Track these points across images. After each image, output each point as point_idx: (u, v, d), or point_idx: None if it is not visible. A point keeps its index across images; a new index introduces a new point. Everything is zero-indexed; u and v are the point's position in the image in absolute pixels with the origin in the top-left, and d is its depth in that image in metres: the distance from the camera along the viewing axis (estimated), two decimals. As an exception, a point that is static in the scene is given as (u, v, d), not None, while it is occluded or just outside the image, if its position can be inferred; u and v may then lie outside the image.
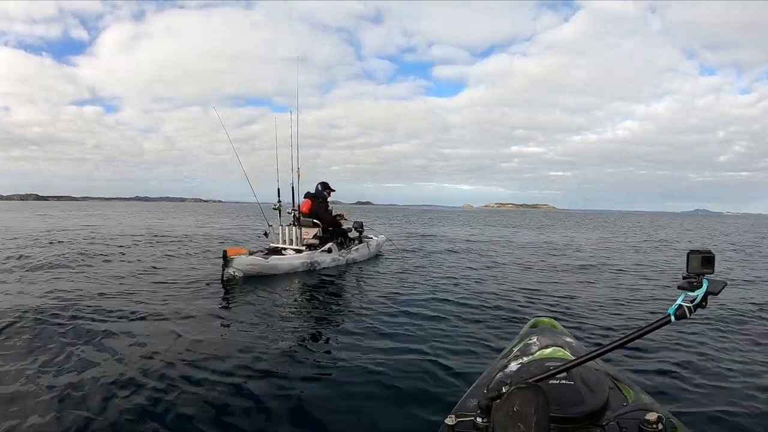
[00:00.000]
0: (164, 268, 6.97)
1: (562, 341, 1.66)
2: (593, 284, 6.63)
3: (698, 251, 0.98)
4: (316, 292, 5.78)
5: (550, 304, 5.09)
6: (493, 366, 1.62)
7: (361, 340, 3.65)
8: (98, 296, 4.87)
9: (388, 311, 4.59)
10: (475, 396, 1.31)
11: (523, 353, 1.57)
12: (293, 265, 6.63)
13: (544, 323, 1.93)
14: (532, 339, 1.69)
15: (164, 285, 5.65)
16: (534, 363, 1.39)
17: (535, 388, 0.94)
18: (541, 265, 8.64)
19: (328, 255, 7.10)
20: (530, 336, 1.74)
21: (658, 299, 5.66)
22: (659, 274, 7.83)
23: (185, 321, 4.06)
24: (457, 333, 3.89)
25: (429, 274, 7.22)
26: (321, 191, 7.48)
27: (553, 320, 1.97)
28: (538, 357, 1.49)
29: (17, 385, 2.65)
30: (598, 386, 1.20)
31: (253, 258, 6.29)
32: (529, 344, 1.64)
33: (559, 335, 1.76)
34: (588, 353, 1.11)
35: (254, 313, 4.48)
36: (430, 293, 5.56)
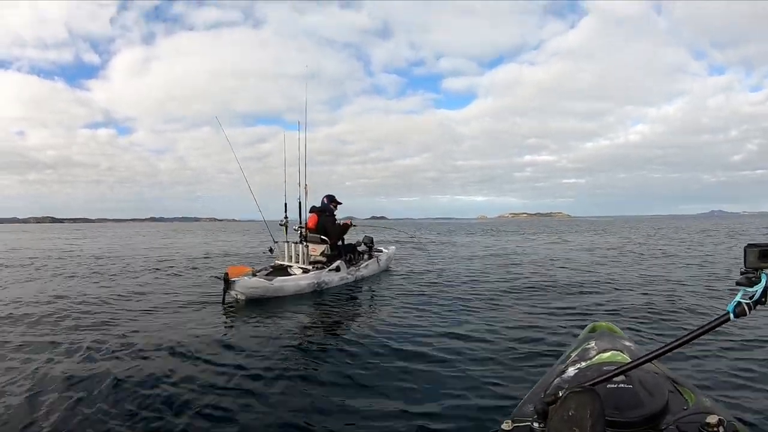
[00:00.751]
0: (161, 291, 6.57)
1: (621, 345, 1.63)
2: (645, 287, 6.55)
3: (756, 244, 0.97)
4: (324, 315, 5.32)
5: (606, 309, 4.99)
6: (550, 371, 1.61)
7: (386, 360, 3.43)
8: (81, 329, 4.45)
9: (410, 328, 4.31)
10: (532, 401, 1.28)
11: (581, 358, 1.56)
12: (300, 287, 6.18)
13: (602, 327, 1.91)
14: (590, 344, 1.67)
15: (160, 310, 5.25)
16: (592, 367, 1.38)
17: (590, 392, 0.94)
18: (581, 270, 8.41)
19: (336, 274, 6.65)
20: (588, 341, 1.72)
21: (714, 297, 5.63)
22: (710, 273, 7.79)
23: (180, 352, 3.67)
24: (500, 346, 3.69)
25: (449, 284, 6.89)
26: (327, 204, 7.06)
27: (612, 324, 1.94)
28: (596, 361, 1.47)
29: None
30: (657, 389, 1.17)
31: (257, 280, 5.86)
32: (587, 349, 1.62)
33: (617, 339, 1.73)
34: (645, 355, 1.08)
35: (255, 342, 4.04)
36: (455, 306, 5.34)
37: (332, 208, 7.07)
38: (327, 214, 6.95)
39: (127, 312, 5.18)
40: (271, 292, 5.90)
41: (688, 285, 6.73)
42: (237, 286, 5.64)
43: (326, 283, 6.47)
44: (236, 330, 4.50)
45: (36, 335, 4.25)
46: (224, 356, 3.58)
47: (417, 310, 5.29)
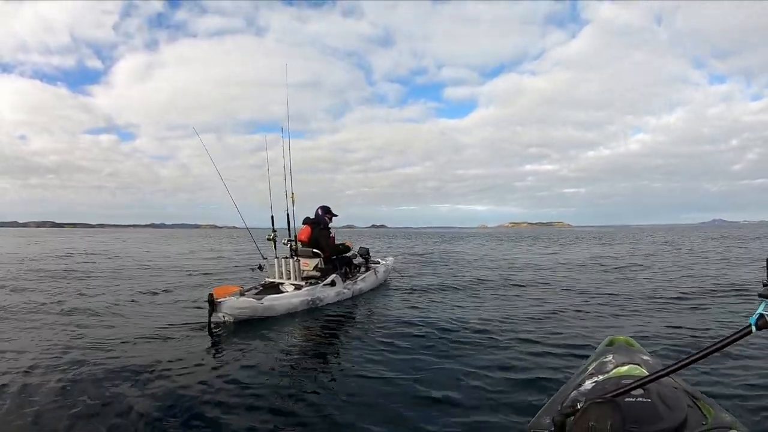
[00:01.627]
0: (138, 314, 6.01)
1: (639, 359, 1.62)
2: (662, 299, 6.43)
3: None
4: (318, 337, 4.87)
5: (623, 323, 4.90)
6: (567, 384, 1.59)
7: (389, 385, 3.18)
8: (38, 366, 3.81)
9: (414, 349, 4.02)
10: (549, 413, 1.27)
11: (599, 371, 1.55)
12: (292, 305, 5.70)
13: (619, 341, 1.89)
14: (607, 357, 1.66)
15: (138, 336, 4.74)
16: (610, 380, 1.39)
17: (611, 404, 0.96)
18: (583, 281, 8.13)
19: (331, 289, 6.17)
20: (606, 354, 1.71)
21: (735, 311, 5.50)
22: (729, 285, 7.60)
23: (161, 383, 3.23)
24: (517, 359, 3.61)
25: (454, 297, 6.60)
26: (321, 216, 6.61)
27: (629, 338, 1.94)
28: (614, 375, 1.46)
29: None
30: (677, 404, 1.17)
31: (245, 300, 5.38)
32: (605, 362, 1.62)
33: (635, 353, 1.72)
34: (664, 368, 1.08)
35: (243, 371, 3.61)
36: (462, 320, 5.06)
37: (326, 221, 6.61)
38: (321, 227, 6.50)
39: (94, 337, 4.65)
40: (261, 312, 5.43)
41: (706, 297, 6.59)
42: (224, 307, 5.17)
43: (321, 299, 6.00)
44: (223, 356, 4.05)
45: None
46: (208, 387, 3.19)
47: (420, 325, 4.91)
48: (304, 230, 6.51)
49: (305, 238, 6.45)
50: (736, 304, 5.89)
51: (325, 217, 6.60)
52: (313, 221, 6.54)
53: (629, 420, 0.99)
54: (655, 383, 1.14)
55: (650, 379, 1.08)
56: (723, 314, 5.34)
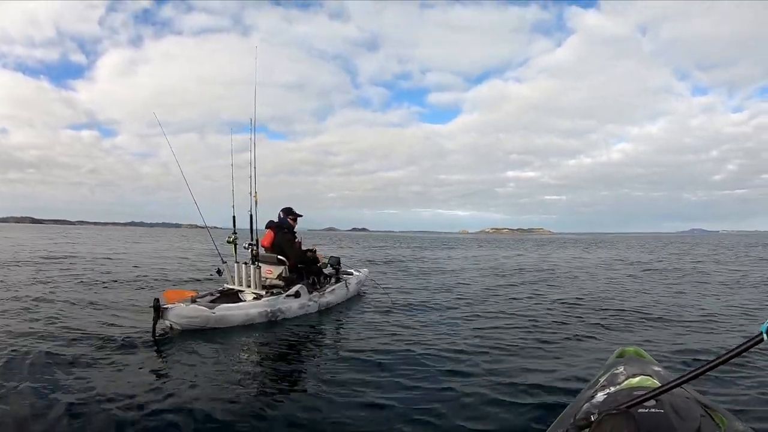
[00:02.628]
0: (77, 317, 5.34)
1: (650, 370, 1.61)
2: (665, 307, 6.47)
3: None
4: (277, 352, 4.37)
5: (631, 334, 4.87)
6: (579, 397, 1.58)
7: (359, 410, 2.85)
8: None
9: (385, 369, 3.66)
10: (563, 426, 1.29)
11: (610, 383, 1.54)
12: (249, 316, 5.15)
13: (630, 352, 1.89)
14: (618, 369, 1.65)
15: (73, 343, 4.17)
16: (622, 392, 1.37)
17: (626, 415, 0.96)
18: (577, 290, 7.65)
19: (295, 301, 5.62)
20: (617, 366, 1.70)
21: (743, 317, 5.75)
22: (732, 295, 7.73)
23: (93, 402, 2.82)
24: (507, 381, 3.35)
25: (437, 310, 6.26)
26: (284, 219, 6.05)
27: (640, 349, 1.93)
28: (626, 386, 1.45)
29: None
30: (690, 414, 1.17)
31: (195, 308, 4.83)
32: (616, 374, 1.60)
33: (646, 364, 1.72)
34: (676, 379, 1.07)
35: (190, 386, 3.21)
36: (448, 339, 4.67)
37: (291, 224, 6.08)
38: (285, 231, 5.95)
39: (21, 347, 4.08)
40: (213, 323, 4.88)
41: (714, 307, 6.59)
42: (170, 314, 4.63)
43: (282, 312, 5.45)
44: (163, 371, 3.59)
45: None
46: (138, 403, 2.84)
47: (395, 344, 4.46)
48: (267, 235, 5.96)
49: (268, 244, 5.91)
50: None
51: (288, 219, 6.06)
52: (276, 225, 6.00)
53: (643, 431, 0.98)
54: (668, 394, 1.14)
55: (663, 390, 1.06)
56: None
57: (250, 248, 5.56)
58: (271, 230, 5.95)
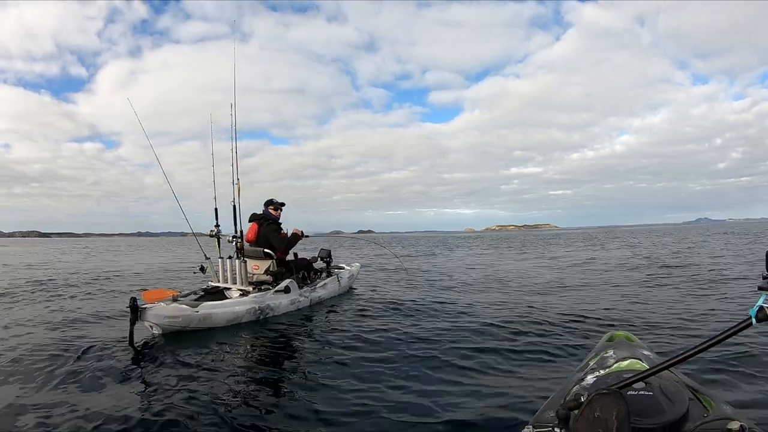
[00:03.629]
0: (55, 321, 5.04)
1: (640, 354, 1.62)
2: (659, 295, 6.29)
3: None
4: (269, 353, 4.09)
5: (622, 319, 4.77)
6: (569, 379, 1.58)
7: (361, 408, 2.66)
8: None
9: (389, 362, 3.51)
10: (552, 408, 1.29)
11: (600, 366, 1.55)
12: (235, 314, 4.84)
13: (620, 337, 1.91)
14: (608, 352, 1.66)
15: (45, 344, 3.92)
16: (611, 375, 1.39)
17: (616, 395, 0.97)
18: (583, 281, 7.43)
19: (284, 296, 5.32)
20: (606, 349, 1.71)
21: (733, 302, 5.54)
22: (727, 279, 7.53)
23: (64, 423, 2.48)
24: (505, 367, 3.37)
25: (433, 305, 5.92)
26: (266, 210, 5.74)
27: (629, 333, 1.94)
28: (615, 369, 1.46)
29: None
30: (678, 396, 1.17)
31: (176, 307, 4.52)
32: (606, 357, 1.62)
33: (635, 348, 1.73)
34: (665, 361, 1.08)
35: (170, 391, 2.93)
36: (443, 331, 4.44)
37: (274, 214, 5.76)
38: (269, 222, 5.64)
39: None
40: (196, 323, 4.57)
41: (705, 291, 6.48)
42: (149, 315, 4.32)
43: (271, 308, 5.15)
44: (143, 378, 3.28)
45: None
46: (122, 422, 2.50)
47: (391, 340, 4.19)
48: (250, 228, 5.66)
49: (253, 237, 5.60)
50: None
51: (269, 209, 5.73)
52: (260, 217, 5.69)
53: (632, 412, 0.97)
54: (657, 377, 1.16)
55: (653, 371, 1.07)
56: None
57: (234, 241, 5.26)
58: (254, 223, 5.65)
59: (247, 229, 5.60)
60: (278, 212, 5.79)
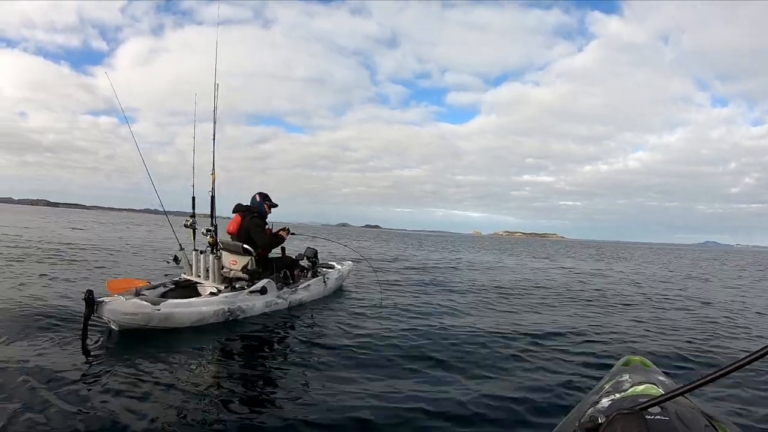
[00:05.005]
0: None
1: (656, 379, 1.59)
2: (673, 318, 6.06)
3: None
4: (230, 361, 3.66)
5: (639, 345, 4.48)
6: (584, 402, 1.56)
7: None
8: None
9: (374, 372, 3.29)
10: (567, 430, 1.30)
11: (615, 390, 1.52)
12: (200, 315, 4.38)
13: (635, 362, 1.84)
14: (623, 376, 1.64)
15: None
16: (627, 399, 1.39)
17: (638, 415, 0.96)
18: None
19: (259, 298, 4.84)
20: (622, 374, 1.68)
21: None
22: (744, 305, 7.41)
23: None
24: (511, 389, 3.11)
25: (435, 314, 5.51)
26: (259, 202, 5.29)
27: (645, 359, 1.86)
28: (631, 394, 1.44)
29: None
30: (694, 423, 1.18)
31: (136, 303, 4.06)
32: (621, 381, 1.59)
33: (651, 373, 1.69)
34: (684, 385, 1.03)
35: (118, 395, 2.64)
36: (448, 348, 4.05)
37: (264, 210, 5.29)
38: (254, 216, 5.17)
39: None
40: (157, 322, 4.11)
41: (723, 318, 6.30)
42: (106, 310, 3.88)
43: (242, 310, 4.67)
44: (92, 379, 2.88)
45: None
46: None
47: (379, 348, 3.88)
48: (233, 220, 5.20)
49: (234, 230, 5.15)
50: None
51: (264, 204, 5.28)
52: (245, 208, 5.22)
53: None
54: (673, 403, 1.15)
55: (670, 396, 1.02)
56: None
57: (209, 234, 4.78)
58: (238, 215, 5.17)
59: (229, 223, 5.15)
60: (269, 211, 5.38)
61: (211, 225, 4.83)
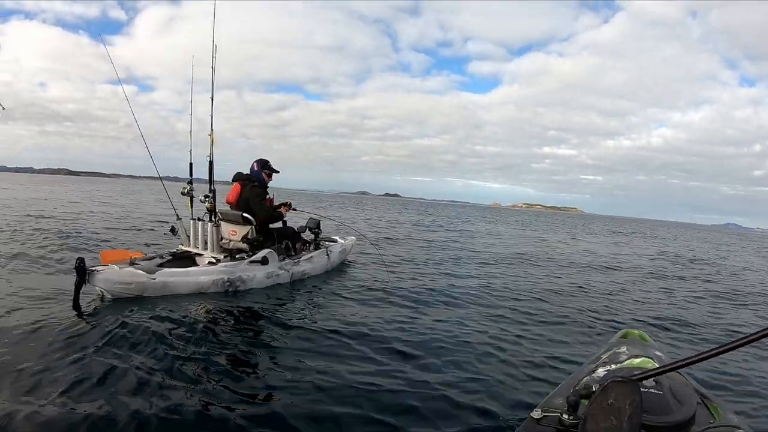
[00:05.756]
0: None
1: (652, 353, 1.62)
2: (677, 296, 6.13)
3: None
4: (233, 329, 3.52)
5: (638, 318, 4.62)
6: (580, 370, 1.59)
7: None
8: None
9: (377, 348, 3.23)
10: (562, 395, 1.30)
11: (612, 360, 1.55)
12: (198, 285, 4.23)
13: (634, 335, 1.90)
14: (621, 348, 1.67)
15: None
16: (623, 370, 1.39)
17: (632, 384, 0.95)
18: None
19: (260, 269, 4.67)
20: (620, 345, 1.72)
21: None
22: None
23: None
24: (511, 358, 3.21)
25: (442, 289, 5.44)
26: (257, 171, 5.04)
27: (643, 333, 1.93)
28: (627, 365, 1.47)
29: None
30: (687, 399, 1.18)
31: (131, 272, 3.92)
32: (618, 353, 1.63)
33: (648, 347, 1.73)
34: (680, 360, 1.03)
35: (111, 375, 2.47)
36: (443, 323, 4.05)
37: (263, 178, 5.05)
38: (254, 185, 4.93)
39: None
40: (152, 292, 3.98)
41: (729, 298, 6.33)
42: (98, 279, 3.76)
43: (243, 280, 4.51)
44: (83, 355, 2.71)
45: None
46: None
47: (384, 323, 3.85)
48: (233, 189, 4.97)
49: (233, 199, 4.93)
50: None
51: (263, 173, 5.03)
52: (245, 177, 4.98)
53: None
54: (667, 378, 1.18)
55: (665, 370, 1.03)
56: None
57: (207, 200, 4.59)
58: (237, 183, 4.95)
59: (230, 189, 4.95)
60: (269, 178, 5.12)
61: (209, 191, 4.62)
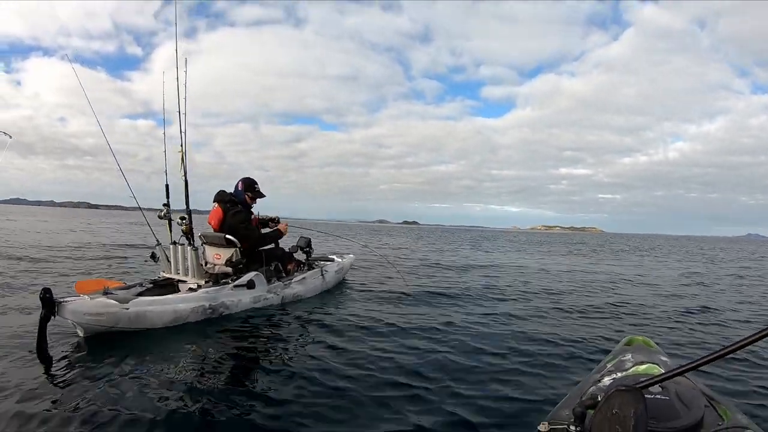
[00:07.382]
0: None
1: (657, 359, 1.61)
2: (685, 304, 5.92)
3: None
4: (212, 365, 3.09)
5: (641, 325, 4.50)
6: (586, 380, 1.57)
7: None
8: None
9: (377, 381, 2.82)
10: (568, 406, 1.29)
11: (617, 368, 1.54)
12: (176, 314, 3.88)
13: (638, 341, 1.88)
14: (626, 356, 1.66)
15: None
16: (628, 378, 1.39)
17: (635, 392, 0.95)
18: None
19: (246, 293, 4.32)
20: (624, 353, 1.71)
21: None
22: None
23: None
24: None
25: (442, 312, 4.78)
26: (240, 192, 4.76)
27: (648, 339, 1.90)
28: (632, 373, 1.46)
29: None
30: (694, 403, 1.18)
31: (103, 302, 3.58)
32: (623, 360, 1.61)
33: (653, 353, 1.71)
34: (686, 364, 1.02)
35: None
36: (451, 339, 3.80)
37: (246, 199, 4.77)
38: (238, 211, 4.62)
39: None
40: (127, 323, 3.63)
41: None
42: (67, 311, 3.40)
43: (226, 306, 4.16)
44: (51, 403, 2.33)
45: None
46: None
47: (386, 351, 3.42)
48: (214, 212, 4.69)
49: (215, 225, 4.64)
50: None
51: (246, 195, 4.75)
52: (227, 199, 4.69)
53: (648, 415, 0.96)
54: (674, 383, 1.16)
55: (671, 375, 1.02)
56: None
57: (182, 223, 4.30)
58: (218, 206, 4.67)
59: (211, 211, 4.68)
60: (253, 202, 4.83)
61: (186, 212, 4.34)
